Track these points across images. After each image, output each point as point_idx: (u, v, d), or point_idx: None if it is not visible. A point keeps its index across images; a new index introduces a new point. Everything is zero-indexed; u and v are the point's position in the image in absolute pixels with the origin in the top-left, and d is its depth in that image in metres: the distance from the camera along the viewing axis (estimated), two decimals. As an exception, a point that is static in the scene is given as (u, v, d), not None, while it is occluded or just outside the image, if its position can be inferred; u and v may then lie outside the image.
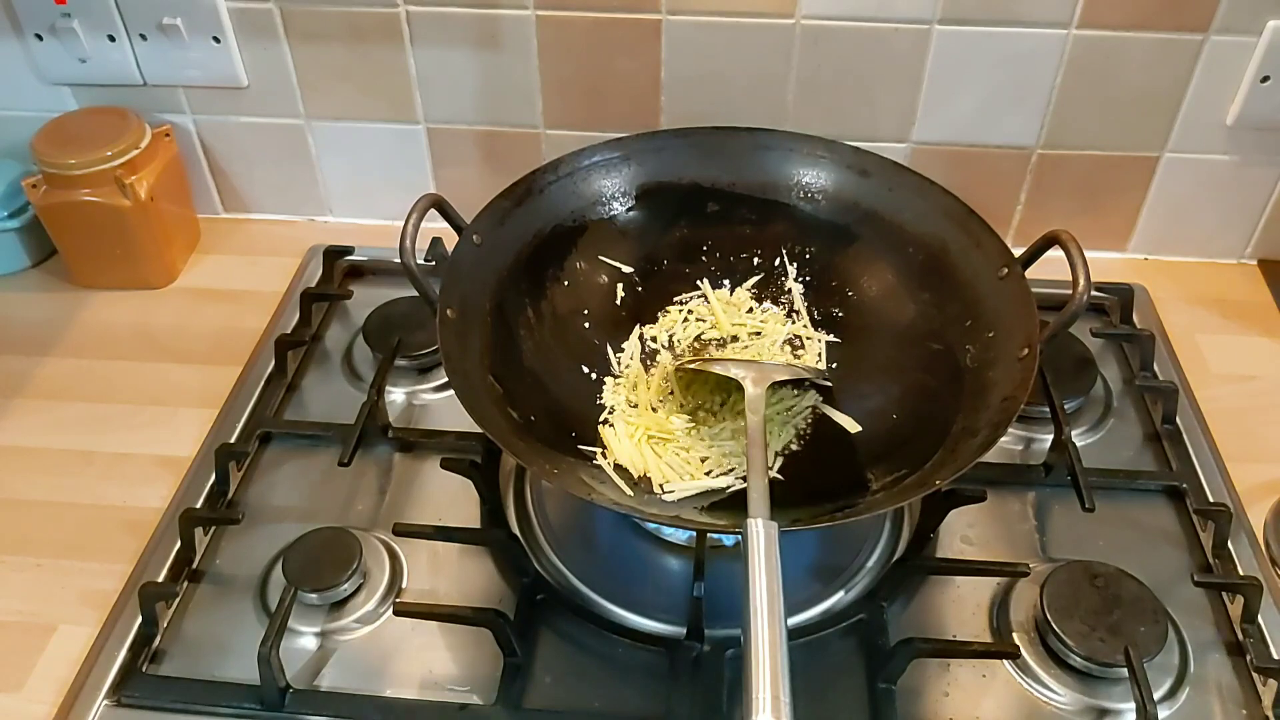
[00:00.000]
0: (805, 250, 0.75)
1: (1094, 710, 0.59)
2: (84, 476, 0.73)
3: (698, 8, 0.80)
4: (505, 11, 0.81)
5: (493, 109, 0.87)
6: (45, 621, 0.64)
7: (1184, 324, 0.85)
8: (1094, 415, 0.77)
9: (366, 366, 0.81)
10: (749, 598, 0.47)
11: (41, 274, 0.91)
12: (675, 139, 0.76)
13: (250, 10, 0.83)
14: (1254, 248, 0.90)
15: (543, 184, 0.73)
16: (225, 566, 0.68)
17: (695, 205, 0.76)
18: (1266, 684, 0.60)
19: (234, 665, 0.61)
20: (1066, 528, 0.69)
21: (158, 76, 0.88)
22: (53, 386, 0.81)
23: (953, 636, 0.63)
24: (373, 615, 0.64)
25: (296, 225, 0.97)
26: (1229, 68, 0.79)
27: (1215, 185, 0.86)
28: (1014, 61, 0.80)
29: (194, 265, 0.93)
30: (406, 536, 0.66)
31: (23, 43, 0.86)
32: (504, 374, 0.64)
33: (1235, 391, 0.79)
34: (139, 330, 0.86)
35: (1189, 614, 0.64)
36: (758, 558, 0.48)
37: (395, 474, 0.73)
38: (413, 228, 0.62)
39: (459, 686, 0.60)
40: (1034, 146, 0.85)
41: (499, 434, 0.58)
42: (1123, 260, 0.92)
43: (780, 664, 0.44)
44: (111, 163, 0.82)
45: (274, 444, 0.76)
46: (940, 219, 0.70)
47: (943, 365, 0.65)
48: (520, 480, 0.73)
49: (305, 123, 0.90)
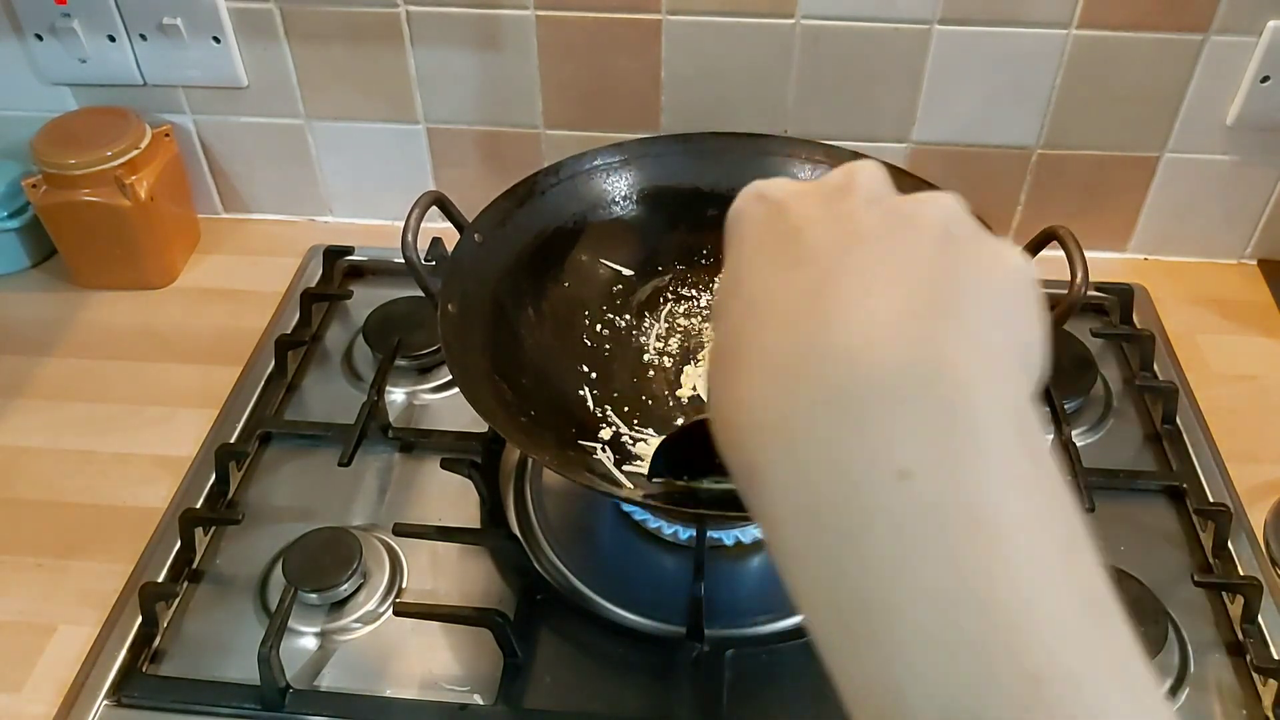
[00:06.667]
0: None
1: (1094, 710, 0.59)
2: (84, 476, 0.73)
3: (698, 8, 0.80)
4: (505, 11, 0.81)
5: (493, 109, 0.87)
6: (45, 621, 0.64)
7: (1184, 324, 0.85)
8: (1094, 415, 0.77)
9: (366, 366, 0.81)
10: None
11: (41, 274, 0.91)
12: (675, 144, 0.77)
13: (250, 10, 0.83)
14: (1254, 248, 0.90)
15: (544, 186, 0.73)
16: (225, 566, 0.68)
17: (695, 210, 0.76)
18: (1266, 684, 0.60)
19: (234, 665, 0.61)
20: (1066, 528, 0.69)
21: (158, 76, 0.88)
22: (53, 386, 0.81)
23: (953, 636, 0.63)
24: (373, 615, 0.64)
25: (296, 225, 0.97)
26: (1229, 68, 0.79)
27: (1215, 185, 0.86)
28: (1014, 61, 0.80)
29: (194, 265, 0.93)
30: (406, 536, 0.66)
31: (23, 43, 0.86)
32: (504, 370, 0.64)
33: (1235, 391, 0.79)
34: (139, 330, 0.86)
35: (1189, 614, 0.64)
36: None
37: (395, 474, 0.73)
38: (415, 223, 0.62)
39: (459, 686, 0.60)
40: (1034, 146, 0.85)
41: (500, 424, 0.58)
42: (1123, 260, 0.92)
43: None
44: (111, 163, 0.82)
45: (274, 444, 0.76)
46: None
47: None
48: (520, 480, 0.73)
49: (305, 123, 0.90)
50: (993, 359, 0.24)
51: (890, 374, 0.23)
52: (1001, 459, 0.23)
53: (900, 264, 0.25)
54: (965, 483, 0.23)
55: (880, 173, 0.30)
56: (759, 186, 0.31)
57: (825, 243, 0.27)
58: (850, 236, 0.27)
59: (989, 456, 0.23)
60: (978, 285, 0.26)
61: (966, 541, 0.22)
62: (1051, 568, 0.22)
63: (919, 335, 0.23)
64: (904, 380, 0.23)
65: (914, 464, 0.22)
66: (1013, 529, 0.22)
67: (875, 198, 0.29)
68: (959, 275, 0.26)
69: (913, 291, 0.24)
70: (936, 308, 0.24)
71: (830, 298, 0.25)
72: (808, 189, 0.30)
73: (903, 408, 0.23)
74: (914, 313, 0.24)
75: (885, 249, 0.26)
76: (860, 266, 0.25)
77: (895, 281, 0.25)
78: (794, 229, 0.28)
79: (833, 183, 0.30)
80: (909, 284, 0.25)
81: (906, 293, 0.24)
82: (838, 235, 0.27)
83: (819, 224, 0.28)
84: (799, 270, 0.26)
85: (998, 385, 0.24)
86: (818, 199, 0.29)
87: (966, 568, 0.22)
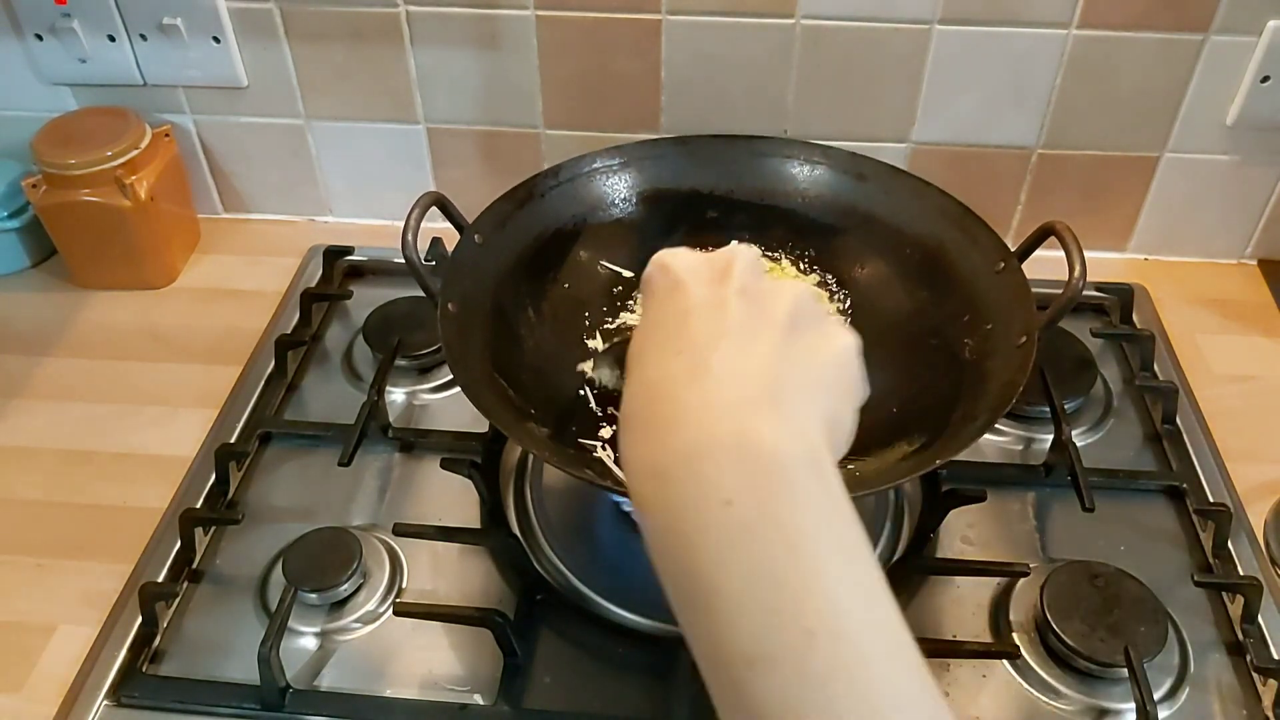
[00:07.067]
0: (804, 253, 0.75)
1: (1094, 710, 0.59)
2: (84, 476, 0.73)
3: (698, 8, 0.80)
4: (505, 11, 0.81)
5: (493, 109, 0.87)
6: (45, 621, 0.64)
7: (1184, 324, 0.85)
8: (1094, 415, 0.77)
9: (366, 366, 0.81)
10: None
11: (41, 274, 0.91)
12: (675, 146, 0.77)
13: (250, 10, 0.83)
14: (1254, 248, 0.90)
15: (544, 188, 0.73)
16: (225, 566, 0.68)
17: (694, 211, 0.76)
18: (1266, 684, 0.60)
19: (234, 665, 0.61)
20: (1066, 528, 0.69)
21: (158, 76, 0.88)
22: (53, 386, 0.81)
23: (953, 636, 0.63)
24: (373, 615, 0.64)
25: (296, 225, 0.97)
26: (1229, 68, 0.79)
27: (1215, 185, 0.86)
28: (1014, 61, 0.80)
29: (194, 265, 0.93)
30: (406, 536, 0.66)
31: (23, 43, 0.86)
32: (505, 370, 0.64)
33: (1235, 391, 0.79)
34: (139, 330, 0.86)
35: (1189, 614, 0.64)
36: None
37: (395, 474, 0.73)
38: (415, 223, 0.63)
39: (459, 686, 0.60)
40: (1034, 146, 0.85)
41: (501, 421, 0.58)
42: (1123, 260, 0.92)
43: None
44: (111, 163, 0.82)
45: (274, 444, 0.76)
46: (937, 219, 0.70)
47: (942, 359, 0.65)
48: (520, 480, 0.73)
49: (305, 123, 0.90)
50: (801, 430, 0.36)
51: (724, 442, 0.34)
52: (801, 493, 0.34)
53: (749, 359, 0.37)
54: (771, 508, 0.33)
55: (754, 261, 0.41)
56: (665, 258, 0.42)
57: (701, 336, 0.38)
58: (718, 333, 0.38)
59: (792, 490, 0.34)
60: (805, 371, 0.38)
61: (770, 544, 0.33)
62: (832, 562, 0.33)
63: (747, 417, 0.35)
64: (732, 446, 0.34)
65: (734, 496, 0.33)
66: (805, 538, 0.33)
67: (744, 287, 0.40)
68: (792, 364, 0.37)
69: (752, 384, 0.36)
70: (765, 396, 0.36)
71: (697, 388, 0.36)
72: (700, 266, 0.41)
73: (729, 462, 0.34)
74: (749, 400, 0.36)
75: (740, 346, 0.37)
76: (720, 362, 0.37)
77: (741, 377, 0.36)
78: (683, 313, 0.39)
79: (718, 265, 0.41)
80: (751, 378, 0.36)
81: (748, 384, 0.36)
82: (711, 329, 0.38)
83: (700, 311, 0.39)
84: (680, 359, 0.38)
85: (801, 447, 0.35)
86: (705, 278, 0.40)
87: (770, 559, 0.33)
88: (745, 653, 0.32)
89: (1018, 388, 0.57)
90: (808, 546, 0.33)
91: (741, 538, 0.33)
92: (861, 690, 0.31)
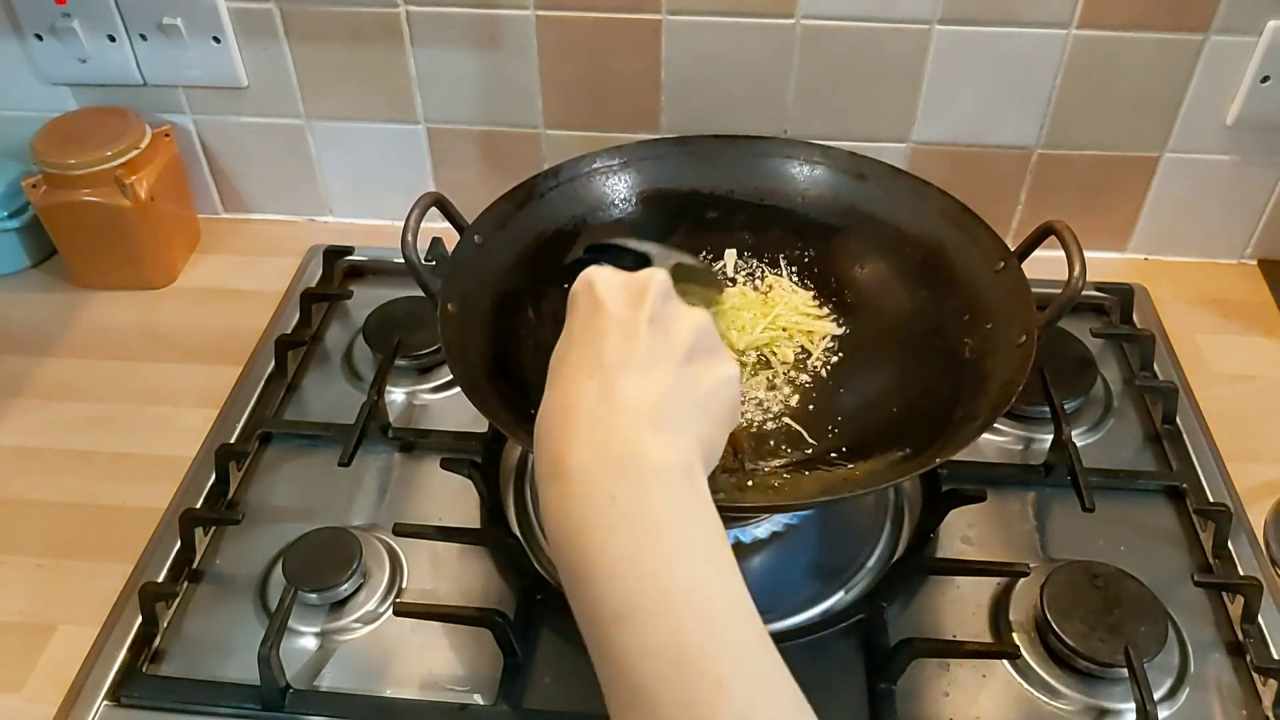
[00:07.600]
0: (804, 254, 0.75)
1: (1094, 710, 0.59)
2: (84, 476, 0.73)
3: (698, 8, 0.80)
4: (505, 11, 0.81)
5: (493, 109, 0.87)
6: (45, 621, 0.64)
7: (1184, 324, 0.85)
8: (1094, 415, 0.77)
9: (366, 366, 0.81)
10: None
11: (41, 274, 0.91)
12: (675, 147, 0.77)
13: (250, 10, 0.83)
14: (1254, 248, 0.90)
15: (544, 189, 0.73)
16: (225, 566, 0.68)
17: (694, 211, 0.76)
18: (1266, 684, 0.60)
19: (234, 665, 0.61)
20: (1066, 528, 0.69)
21: (158, 76, 0.88)
22: (53, 386, 0.81)
23: (953, 637, 0.63)
24: (373, 615, 0.64)
25: (296, 225, 0.97)
26: (1229, 68, 0.79)
27: (1215, 185, 0.86)
28: (1014, 61, 0.80)
29: (194, 265, 0.93)
30: (406, 536, 0.66)
31: (23, 43, 0.86)
32: (505, 370, 0.64)
33: (1235, 391, 0.79)
34: (139, 330, 0.86)
35: (1189, 614, 0.64)
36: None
37: (395, 474, 0.73)
38: (414, 223, 0.63)
39: (459, 686, 0.60)
40: (1034, 146, 0.85)
41: (501, 421, 0.58)
42: (1123, 260, 0.92)
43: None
44: (111, 163, 0.82)
45: (274, 444, 0.76)
46: (936, 219, 0.70)
47: (942, 359, 0.65)
48: (520, 480, 0.73)
49: (305, 123, 0.90)
50: (680, 447, 0.43)
51: (617, 455, 0.42)
52: (672, 494, 0.42)
53: (648, 385, 0.44)
54: (647, 505, 0.41)
55: (665, 288, 0.48)
56: (591, 277, 0.49)
57: (613, 360, 0.45)
58: (626, 361, 0.44)
59: (665, 492, 0.41)
60: (691, 397, 0.45)
61: (643, 531, 0.40)
62: (692, 545, 0.41)
63: (639, 436, 0.42)
64: (623, 457, 0.42)
65: (619, 494, 0.41)
66: (671, 527, 0.41)
67: (654, 315, 0.46)
68: (681, 393, 0.45)
69: (647, 409, 0.43)
70: (656, 420, 0.43)
71: (604, 410, 0.43)
72: (619, 290, 0.48)
73: (619, 470, 0.41)
74: (642, 424, 0.43)
75: (643, 374, 0.44)
76: (624, 388, 0.44)
77: (639, 403, 0.43)
78: (601, 334, 0.46)
79: (634, 288, 0.48)
80: (648, 403, 0.43)
81: (643, 411, 0.43)
82: (621, 356, 0.45)
83: (614, 335, 0.46)
84: (592, 382, 0.44)
85: (678, 459, 0.43)
86: (623, 300, 0.47)
87: (641, 539, 0.40)
88: (615, 611, 0.39)
89: (1017, 387, 0.57)
90: (672, 533, 0.40)
91: (621, 524, 0.40)
92: (706, 628, 0.38)
